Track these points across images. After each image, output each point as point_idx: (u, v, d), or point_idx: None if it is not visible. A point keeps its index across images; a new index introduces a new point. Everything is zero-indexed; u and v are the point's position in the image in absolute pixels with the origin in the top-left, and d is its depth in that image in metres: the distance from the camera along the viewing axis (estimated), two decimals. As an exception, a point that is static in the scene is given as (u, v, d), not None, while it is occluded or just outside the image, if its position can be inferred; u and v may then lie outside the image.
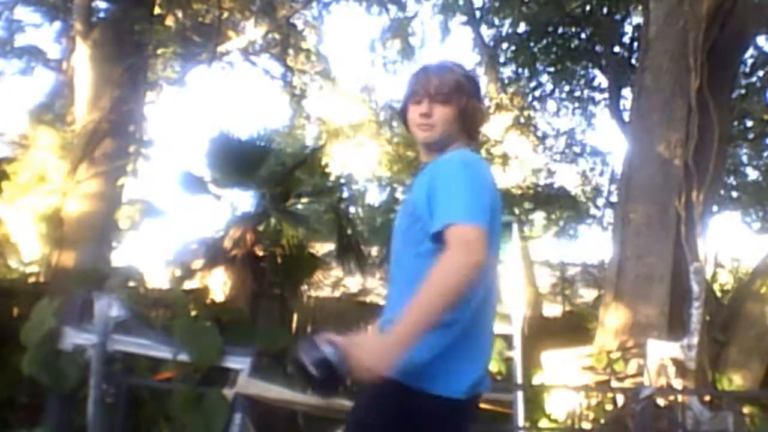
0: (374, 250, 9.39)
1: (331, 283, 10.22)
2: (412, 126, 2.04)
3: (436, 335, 1.70)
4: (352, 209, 12.64)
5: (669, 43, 6.81)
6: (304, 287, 7.72)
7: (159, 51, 9.17)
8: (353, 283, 11.14)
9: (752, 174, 12.96)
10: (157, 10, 8.53)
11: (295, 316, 8.43)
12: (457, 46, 36.50)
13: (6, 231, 7.69)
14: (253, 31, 12.35)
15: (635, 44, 10.33)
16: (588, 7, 10.95)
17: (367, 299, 10.94)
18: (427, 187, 1.83)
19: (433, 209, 1.78)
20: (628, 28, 11.04)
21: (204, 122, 24.12)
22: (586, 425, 5.64)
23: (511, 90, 12.58)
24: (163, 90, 11.96)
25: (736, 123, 10.69)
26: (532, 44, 11.21)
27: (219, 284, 6.18)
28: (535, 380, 6.63)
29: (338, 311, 9.09)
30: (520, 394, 5.55)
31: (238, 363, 3.68)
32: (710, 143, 6.61)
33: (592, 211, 14.60)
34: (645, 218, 6.58)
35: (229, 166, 6.45)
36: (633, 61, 10.10)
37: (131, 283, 5.53)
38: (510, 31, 11.68)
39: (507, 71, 12.36)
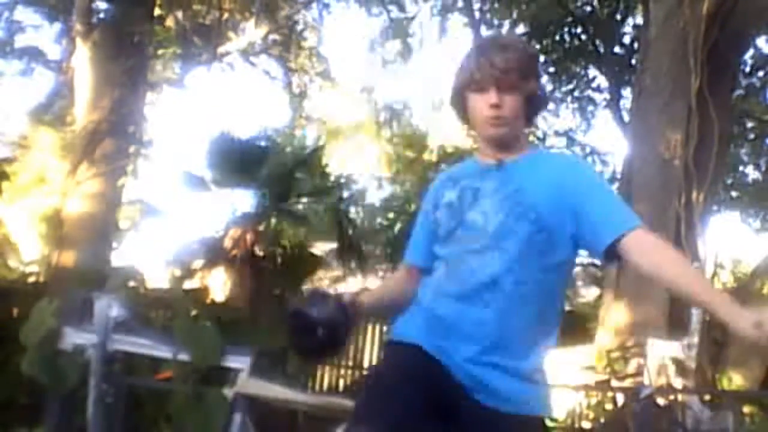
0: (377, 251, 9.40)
1: (332, 282, 10.21)
2: (477, 118, 1.74)
3: None
4: (352, 209, 12.66)
5: (669, 43, 6.81)
6: (305, 287, 7.71)
7: (159, 52, 9.19)
8: (354, 282, 11.13)
9: (752, 174, 12.96)
10: (157, 11, 8.55)
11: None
12: (457, 47, 36.50)
13: (6, 231, 7.69)
14: (253, 32, 12.35)
15: (635, 44, 10.33)
16: (588, 8, 10.96)
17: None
18: (564, 193, 1.67)
19: (599, 219, 1.66)
20: (628, 29, 11.07)
21: (204, 123, 24.14)
22: (586, 424, 5.64)
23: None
24: (163, 91, 11.98)
25: (736, 123, 10.69)
26: (532, 44, 11.21)
27: (219, 284, 6.18)
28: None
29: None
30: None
31: (238, 363, 3.67)
32: (710, 143, 6.61)
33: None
34: (645, 218, 6.43)
35: (229, 167, 6.45)
36: (633, 61, 10.10)
37: (131, 283, 5.53)
38: (510, 31, 11.68)
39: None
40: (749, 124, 11.85)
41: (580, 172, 1.78)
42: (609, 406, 5.58)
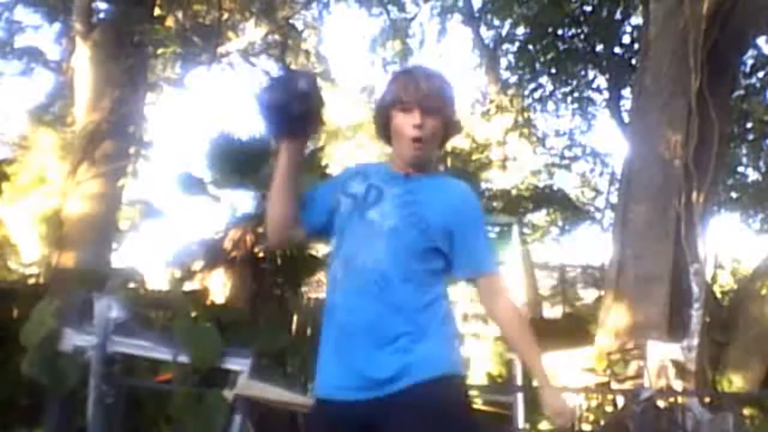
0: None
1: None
2: (400, 136, 1.92)
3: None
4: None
5: (669, 43, 6.81)
6: (304, 288, 7.71)
7: (159, 52, 9.18)
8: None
9: (752, 174, 12.94)
10: (157, 11, 8.54)
11: (295, 317, 8.43)
12: (457, 48, 36.51)
13: (6, 232, 7.70)
14: (253, 32, 12.35)
15: (635, 45, 10.33)
16: (588, 8, 10.95)
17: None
18: (450, 219, 1.91)
19: (469, 251, 1.93)
20: (628, 29, 11.06)
21: (204, 123, 24.12)
22: (586, 427, 5.64)
23: (510, 92, 12.58)
24: (163, 91, 11.97)
25: (735, 124, 10.68)
26: (531, 45, 11.21)
27: (219, 285, 6.17)
28: (536, 382, 6.62)
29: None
30: (520, 396, 5.54)
31: (238, 364, 3.68)
32: (710, 144, 6.60)
33: (592, 212, 14.60)
34: (645, 219, 6.57)
35: (229, 167, 6.44)
36: (633, 61, 10.10)
37: (131, 285, 5.54)
38: (510, 32, 11.69)
39: (506, 72, 12.37)
40: (749, 125, 11.83)
41: (470, 205, 2.00)
42: (609, 409, 5.58)
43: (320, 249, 7.96)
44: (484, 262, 1.96)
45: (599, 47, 11.00)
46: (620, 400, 5.44)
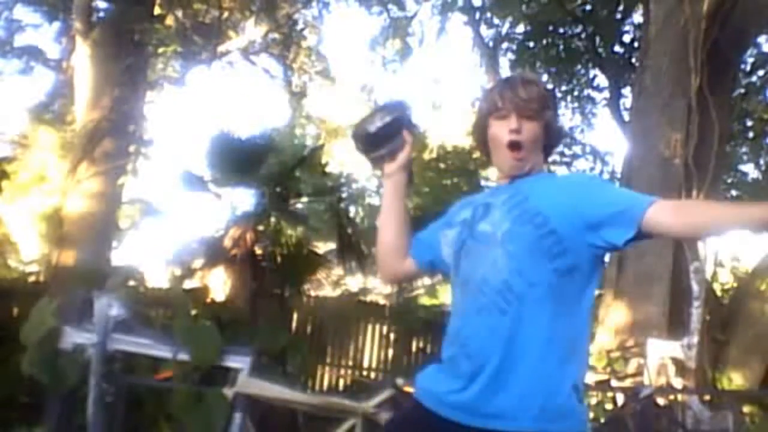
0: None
1: (332, 282, 10.22)
2: (497, 145, 1.81)
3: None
4: (352, 209, 12.66)
5: (669, 43, 6.81)
6: (305, 286, 7.72)
7: (159, 50, 9.17)
8: (354, 282, 11.15)
9: (752, 173, 12.95)
10: (157, 10, 8.54)
11: (295, 316, 8.44)
12: (457, 46, 36.50)
13: (6, 230, 7.70)
14: (253, 30, 12.35)
15: (635, 44, 10.33)
16: (588, 7, 10.95)
17: (368, 298, 10.96)
18: (570, 199, 1.70)
19: (616, 208, 1.66)
20: (628, 28, 11.05)
21: (204, 122, 24.11)
22: (586, 424, 5.63)
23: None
24: (163, 89, 11.97)
25: (736, 122, 10.67)
26: (532, 44, 11.20)
27: (219, 283, 6.19)
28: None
29: (339, 310, 9.11)
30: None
31: (238, 362, 3.68)
32: (710, 143, 6.60)
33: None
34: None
35: (229, 166, 6.45)
36: (633, 60, 10.10)
37: (131, 283, 5.54)
38: (510, 30, 11.68)
39: (507, 71, 12.36)
40: (749, 123, 11.83)
41: (586, 176, 1.88)
42: (609, 406, 5.58)
43: (321, 246, 7.97)
44: (638, 202, 1.66)
45: (600, 46, 11.00)
46: (620, 398, 5.44)
